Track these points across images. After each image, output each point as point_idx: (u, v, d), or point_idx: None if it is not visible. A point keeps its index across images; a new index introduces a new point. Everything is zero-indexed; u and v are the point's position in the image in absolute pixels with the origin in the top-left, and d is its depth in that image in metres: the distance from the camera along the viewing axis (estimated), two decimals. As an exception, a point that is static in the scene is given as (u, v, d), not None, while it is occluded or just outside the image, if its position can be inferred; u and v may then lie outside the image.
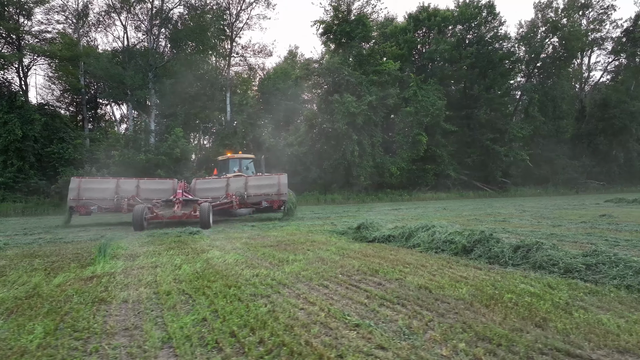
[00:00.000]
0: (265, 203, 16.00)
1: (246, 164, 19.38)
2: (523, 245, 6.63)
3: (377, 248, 8.48)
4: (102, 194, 15.29)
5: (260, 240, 10.36)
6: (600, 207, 19.87)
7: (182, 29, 31.43)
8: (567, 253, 6.09)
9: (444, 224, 9.28)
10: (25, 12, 28.87)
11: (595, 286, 4.95)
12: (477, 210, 18.77)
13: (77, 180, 15.56)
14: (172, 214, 14.15)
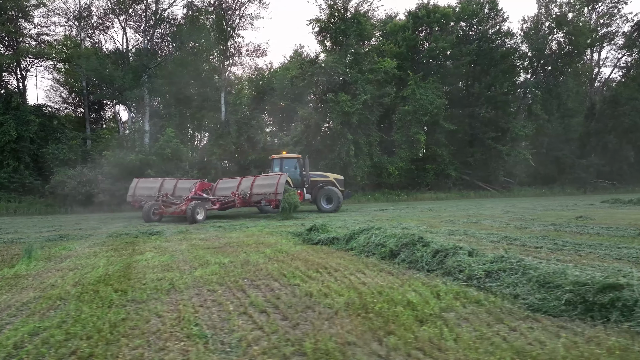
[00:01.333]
0: (264, 202, 16.85)
1: (290, 164, 20.13)
2: (442, 250, 6.32)
3: (315, 250, 8.28)
4: (149, 192, 18.15)
5: (212, 241, 10.22)
6: (593, 207, 19.19)
7: (177, 29, 31.65)
8: (478, 259, 5.75)
9: (383, 227, 8.96)
10: (23, 14, 29.31)
11: (485, 295, 4.64)
12: (460, 211, 18.30)
13: (135, 180, 19.34)
14: (174, 210, 16.10)
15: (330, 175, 20.75)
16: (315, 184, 19.66)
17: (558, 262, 6.13)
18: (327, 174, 20.88)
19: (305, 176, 19.43)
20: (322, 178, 20.18)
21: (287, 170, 19.54)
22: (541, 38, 38.32)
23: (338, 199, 19.06)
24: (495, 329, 3.64)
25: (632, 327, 3.56)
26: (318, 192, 19.42)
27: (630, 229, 9.88)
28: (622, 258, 6.54)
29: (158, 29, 32.25)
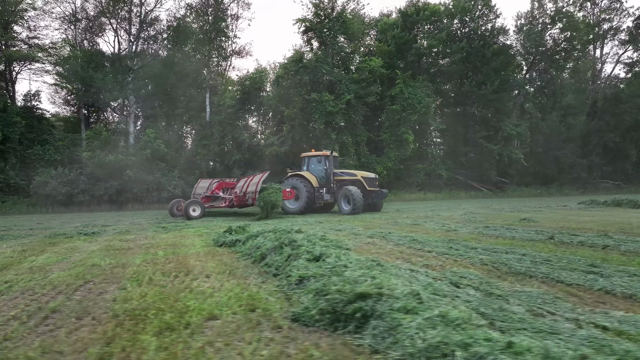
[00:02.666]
0: (250, 201, 17.26)
1: (316, 162, 19.26)
2: (293, 254, 6.17)
3: (210, 253, 8.21)
4: (202, 191, 19.79)
5: (132, 242, 10.25)
6: (564, 209, 18.61)
7: (166, 30, 32.09)
8: (312, 264, 5.58)
9: (279, 229, 8.84)
10: (14, 18, 30.01)
11: (278, 302, 4.49)
12: (423, 212, 18.03)
13: (199, 180, 21.63)
14: (218, 204, 18.58)
15: (359, 173, 18.85)
16: (338, 183, 18.27)
17: (413, 268, 5.95)
18: (355, 172, 19.11)
19: (329, 174, 18.43)
20: (348, 177, 18.50)
21: (313, 169, 18.92)
22: (534, 34, 37.35)
23: (355, 200, 16.82)
24: (244, 338, 3.49)
25: (357, 338, 3.38)
26: (338, 192, 17.85)
27: (547, 233, 9.51)
28: (490, 264, 6.27)
29: (145, 31, 32.56)
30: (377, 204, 18.59)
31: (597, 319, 3.71)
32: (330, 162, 18.79)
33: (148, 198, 26.70)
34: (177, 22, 33.14)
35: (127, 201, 26.52)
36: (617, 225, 11.14)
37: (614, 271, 5.54)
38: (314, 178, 18.36)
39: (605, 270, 5.60)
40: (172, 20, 33.57)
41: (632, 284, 4.84)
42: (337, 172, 18.76)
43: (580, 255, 6.73)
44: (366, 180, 18.21)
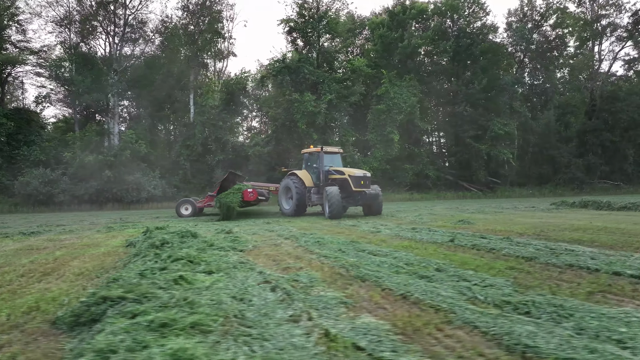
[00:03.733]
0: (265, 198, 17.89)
1: (311, 159, 17.70)
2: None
3: (101, 253, 8.34)
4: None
5: (53, 242, 10.43)
6: (524, 211, 18.24)
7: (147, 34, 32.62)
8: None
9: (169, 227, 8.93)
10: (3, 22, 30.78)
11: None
12: (388, 213, 17.88)
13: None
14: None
15: (347, 171, 16.24)
16: (329, 182, 16.37)
17: (265, 271, 6.00)
18: (344, 170, 16.45)
19: (318, 173, 16.59)
20: (337, 175, 16.22)
21: (309, 167, 17.40)
22: (523, 31, 36.56)
23: (330, 203, 14.96)
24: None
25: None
26: (323, 193, 15.92)
27: (455, 235, 9.36)
28: (342, 267, 6.23)
29: (131, 33, 33.02)
30: (371, 206, 16.38)
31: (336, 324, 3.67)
32: (321, 160, 16.78)
33: (127, 198, 27.08)
34: (164, 25, 33.53)
35: (107, 201, 26.97)
36: (545, 227, 10.90)
37: (447, 275, 5.45)
38: (309, 177, 16.90)
39: (439, 274, 5.52)
40: (159, 22, 33.95)
41: (428, 287, 4.78)
42: (332, 170, 16.62)
43: (443, 258, 6.66)
44: (353, 179, 15.72)
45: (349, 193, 15.61)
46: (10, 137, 29.13)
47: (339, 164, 17.70)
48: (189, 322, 3.42)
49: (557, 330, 3.41)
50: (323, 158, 16.85)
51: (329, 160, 17.34)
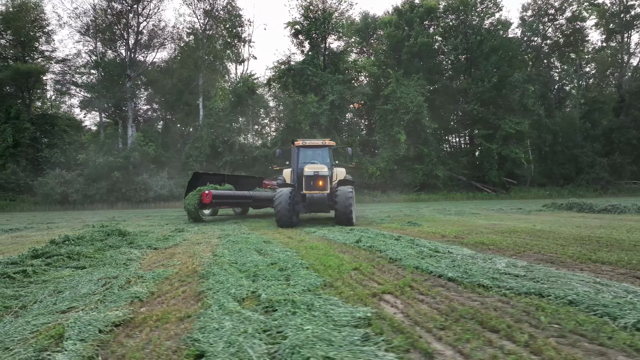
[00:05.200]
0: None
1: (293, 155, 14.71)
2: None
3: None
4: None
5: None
6: (515, 213, 17.76)
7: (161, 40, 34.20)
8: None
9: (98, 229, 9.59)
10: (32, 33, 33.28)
11: None
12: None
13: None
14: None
15: (309, 169, 13.35)
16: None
17: (130, 268, 6.48)
18: (321, 167, 13.60)
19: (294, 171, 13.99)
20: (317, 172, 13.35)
21: (294, 164, 14.33)
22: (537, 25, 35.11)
23: (275, 207, 12.65)
24: None
25: None
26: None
27: (362, 235, 9.50)
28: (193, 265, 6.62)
29: (145, 41, 34.72)
30: (341, 215, 12.45)
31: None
32: (294, 156, 14.33)
33: (136, 197, 28.53)
34: (178, 32, 35.02)
35: (117, 200, 28.51)
36: (476, 230, 10.78)
37: (271, 273, 5.72)
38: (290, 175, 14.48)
39: (270, 272, 5.81)
40: (173, 29, 35.44)
41: (240, 283, 5.12)
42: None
43: (314, 259, 6.92)
44: (306, 179, 13.03)
45: (296, 197, 13.06)
46: (34, 141, 31.40)
47: (324, 160, 14.59)
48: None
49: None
50: (297, 154, 14.36)
51: (311, 155, 14.64)
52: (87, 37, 36.06)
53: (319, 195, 12.94)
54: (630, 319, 3.47)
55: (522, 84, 32.94)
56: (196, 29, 36.73)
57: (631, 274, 5.33)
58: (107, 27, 34.68)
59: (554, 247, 7.65)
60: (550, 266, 5.95)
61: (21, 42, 33.95)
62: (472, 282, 5.06)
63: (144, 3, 33.79)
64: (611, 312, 3.67)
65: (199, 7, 36.00)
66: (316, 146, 14.81)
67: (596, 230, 10.11)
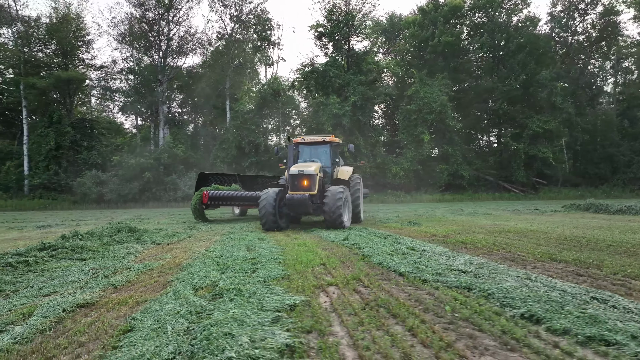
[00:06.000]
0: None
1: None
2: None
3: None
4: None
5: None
6: (528, 214, 17.59)
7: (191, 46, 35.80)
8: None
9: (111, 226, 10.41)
10: (73, 43, 35.60)
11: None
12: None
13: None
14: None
15: (298, 168, 12.13)
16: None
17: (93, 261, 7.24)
18: (296, 167, 12.27)
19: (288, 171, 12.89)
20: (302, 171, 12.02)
21: (289, 162, 13.40)
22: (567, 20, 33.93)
23: (260, 209, 11.88)
24: None
25: None
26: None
27: (346, 235, 9.89)
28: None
29: (175, 47, 36.33)
30: (329, 219, 11.49)
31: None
32: (290, 154, 13.50)
33: (165, 197, 29.93)
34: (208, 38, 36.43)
35: (148, 199, 30.00)
36: (467, 230, 10.95)
37: (243, 267, 6.29)
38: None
39: (242, 265, 6.37)
40: (203, 35, 36.83)
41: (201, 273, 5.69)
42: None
43: (293, 254, 7.44)
44: (290, 179, 12.04)
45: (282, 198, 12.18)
46: (74, 144, 33.49)
47: (326, 159, 13.53)
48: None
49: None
50: (294, 152, 13.66)
51: (310, 153, 13.75)
52: (123, 45, 38.19)
53: (300, 196, 11.57)
54: (522, 310, 3.78)
55: (550, 81, 31.99)
56: (224, 33, 37.96)
57: (576, 272, 5.54)
58: (142, 34, 36.46)
59: (529, 246, 7.83)
60: (506, 264, 6.22)
61: (63, 51, 36.25)
62: (417, 276, 5.43)
63: (175, 11, 35.39)
64: (514, 303, 3.99)
65: (226, 13, 37.16)
66: (315, 143, 13.70)
67: (590, 231, 10.09)
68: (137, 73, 36.41)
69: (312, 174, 11.83)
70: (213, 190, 15.55)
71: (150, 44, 36.96)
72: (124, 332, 3.54)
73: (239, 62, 37.07)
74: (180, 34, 35.98)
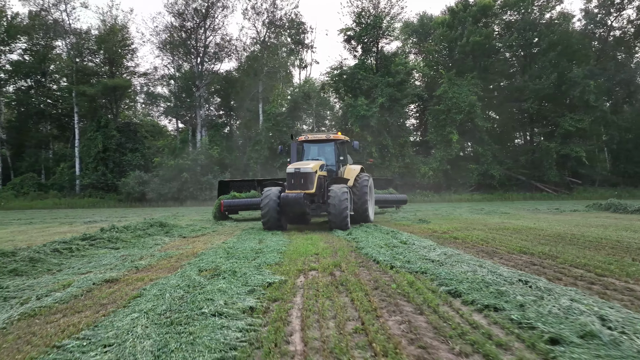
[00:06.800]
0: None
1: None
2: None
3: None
4: None
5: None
6: (546, 213, 17.78)
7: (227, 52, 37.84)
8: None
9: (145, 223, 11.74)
10: (119, 52, 38.36)
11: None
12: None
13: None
14: None
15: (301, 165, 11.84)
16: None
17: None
18: (308, 163, 12.11)
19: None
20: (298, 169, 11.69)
21: (292, 161, 13.49)
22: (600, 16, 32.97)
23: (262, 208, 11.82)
24: None
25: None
26: None
27: (350, 230, 10.73)
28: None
29: (212, 53, 38.32)
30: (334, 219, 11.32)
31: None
32: (294, 152, 13.64)
33: (201, 196, 31.74)
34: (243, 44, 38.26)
35: (186, 198, 31.91)
36: (469, 226, 11.54)
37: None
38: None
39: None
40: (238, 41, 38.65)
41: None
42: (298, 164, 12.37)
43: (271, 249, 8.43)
44: (287, 177, 11.78)
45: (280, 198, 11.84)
46: (119, 146, 36.06)
47: (331, 157, 13.33)
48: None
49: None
50: (297, 150, 13.64)
51: (314, 152, 13.76)
52: (165, 52, 40.57)
53: (295, 195, 11.34)
54: (450, 287, 4.60)
55: (582, 79, 31.32)
56: (258, 39, 39.56)
57: (531, 262, 6.27)
58: (181, 42, 38.63)
59: (512, 241, 8.49)
60: (479, 255, 6.94)
61: (110, 60, 39.05)
62: (389, 264, 6.29)
63: (211, 19, 37.34)
64: (450, 283, 4.82)
65: (259, 20, 38.71)
66: (320, 141, 13.57)
67: (585, 228, 10.53)
68: (177, 79, 38.76)
69: (309, 172, 11.55)
70: (229, 200, 16.45)
71: (188, 51, 39.09)
72: (134, 297, 4.62)
73: (271, 66, 38.54)
74: (216, 41, 38.02)
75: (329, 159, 13.30)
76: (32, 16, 39.14)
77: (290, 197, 11.30)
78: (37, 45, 40.30)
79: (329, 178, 12.67)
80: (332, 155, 13.33)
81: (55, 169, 38.73)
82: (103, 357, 2.93)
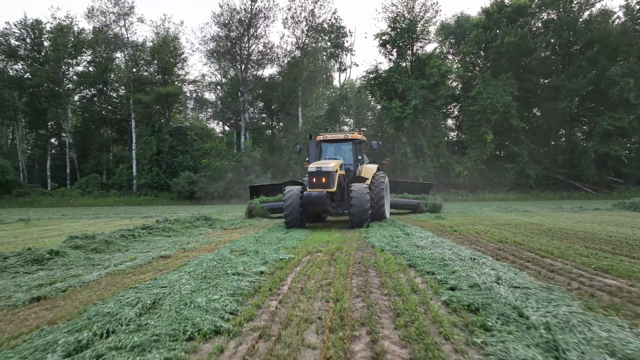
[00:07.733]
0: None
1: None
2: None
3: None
4: None
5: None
6: (568, 212, 18.39)
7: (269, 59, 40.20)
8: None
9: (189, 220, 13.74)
10: (172, 61, 41.70)
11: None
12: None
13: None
14: None
15: (322, 165, 12.34)
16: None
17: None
18: (328, 162, 12.58)
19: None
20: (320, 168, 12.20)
21: (311, 161, 13.80)
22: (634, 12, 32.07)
23: (285, 207, 12.20)
24: None
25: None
26: None
27: (367, 224, 12.16)
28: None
29: (258, 59, 40.83)
30: (356, 219, 12.00)
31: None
32: (313, 152, 13.97)
33: (245, 194, 33.94)
34: (283, 50, 40.46)
35: (230, 197, 34.35)
36: (481, 222, 12.66)
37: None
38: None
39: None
40: (279, 48, 40.86)
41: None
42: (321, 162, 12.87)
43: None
44: (309, 176, 12.34)
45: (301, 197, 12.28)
46: (171, 149, 39.19)
47: (349, 156, 13.92)
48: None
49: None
50: (313, 149, 13.93)
51: (332, 151, 14.26)
52: (212, 60, 43.51)
53: (317, 193, 11.81)
54: (412, 262, 6.04)
55: (621, 77, 30.80)
56: (298, 45, 41.56)
57: (499, 248, 7.49)
58: (227, 51, 41.33)
59: (500, 234, 9.73)
60: (461, 243, 8.24)
61: (163, 69, 42.46)
62: (380, 248, 7.78)
63: (254, 29, 39.77)
64: (415, 260, 6.31)
65: (298, 28, 40.72)
66: (338, 141, 14.03)
67: (586, 224, 11.46)
68: (223, 85, 41.63)
69: (331, 171, 12.04)
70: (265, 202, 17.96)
71: (233, 58, 41.73)
72: (181, 265, 6.42)
73: (311, 71, 40.46)
74: (258, 49, 40.47)
75: (346, 158, 13.93)
76: (95, 31, 43.44)
77: (313, 195, 11.84)
78: (99, 57, 44.65)
79: (347, 177, 13.31)
80: (350, 154, 13.97)
81: (115, 170, 42.84)
82: (161, 290, 4.69)
